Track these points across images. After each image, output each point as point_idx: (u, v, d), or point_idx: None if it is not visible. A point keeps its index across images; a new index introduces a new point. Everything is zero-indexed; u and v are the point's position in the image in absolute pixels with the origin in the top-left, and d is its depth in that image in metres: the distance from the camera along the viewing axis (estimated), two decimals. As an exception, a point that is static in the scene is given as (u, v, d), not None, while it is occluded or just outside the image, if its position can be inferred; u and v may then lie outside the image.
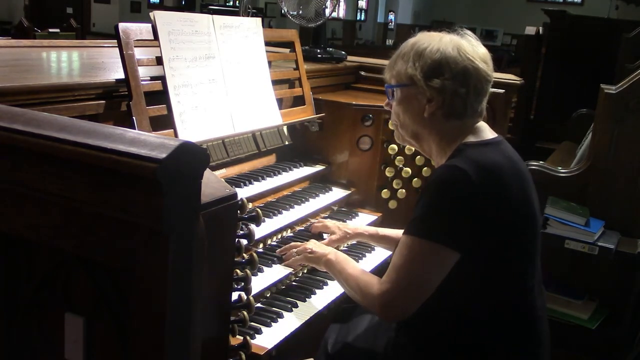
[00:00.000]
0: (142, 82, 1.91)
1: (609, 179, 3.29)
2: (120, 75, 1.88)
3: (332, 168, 2.74)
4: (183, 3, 16.45)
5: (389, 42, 19.01)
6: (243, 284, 1.57)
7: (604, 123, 3.30)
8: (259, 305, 1.90)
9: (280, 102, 2.54)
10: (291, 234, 2.32)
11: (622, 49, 5.50)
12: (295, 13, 2.99)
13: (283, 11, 3.04)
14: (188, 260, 1.14)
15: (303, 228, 2.39)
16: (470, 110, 1.74)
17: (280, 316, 1.86)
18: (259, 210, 1.56)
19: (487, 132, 1.78)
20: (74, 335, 1.28)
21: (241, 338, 1.57)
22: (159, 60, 2.00)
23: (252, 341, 1.65)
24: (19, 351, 1.39)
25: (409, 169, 2.70)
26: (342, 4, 17.98)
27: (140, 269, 1.13)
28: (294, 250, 2.06)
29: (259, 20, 2.51)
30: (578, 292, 3.31)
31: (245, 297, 1.56)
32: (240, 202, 1.40)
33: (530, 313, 1.73)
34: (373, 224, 2.59)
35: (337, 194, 2.67)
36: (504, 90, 2.72)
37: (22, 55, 2.45)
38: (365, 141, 2.70)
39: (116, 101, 1.89)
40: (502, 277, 1.68)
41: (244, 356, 1.53)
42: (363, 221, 2.61)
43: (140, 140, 1.10)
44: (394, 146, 2.65)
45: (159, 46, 1.99)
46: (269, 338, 1.75)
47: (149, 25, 1.99)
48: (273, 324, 1.82)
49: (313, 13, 2.98)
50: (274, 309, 1.90)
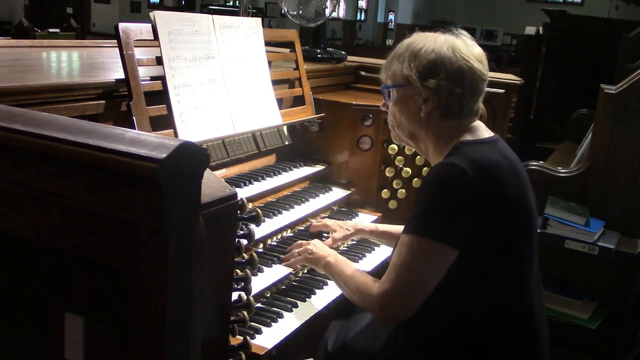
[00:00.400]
0: (142, 82, 1.91)
1: (609, 179, 3.29)
2: (120, 75, 1.88)
3: (332, 168, 2.74)
4: (183, 3, 16.46)
5: (389, 42, 19.04)
6: (243, 284, 1.57)
7: (604, 123, 3.30)
8: (259, 305, 1.90)
9: (280, 102, 2.54)
10: (291, 234, 2.32)
11: (622, 49, 5.51)
12: (295, 13, 2.99)
13: (283, 11, 3.04)
14: (188, 260, 1.14)
15: (303, 228, 2.38)
16: (466, 109, 1.75)
17: (280, 316, 1.86)
18: (259, 210, 1.56)
19: (484, 131, 1.78)
20: (74, 335, 1.28)
21: (241, 338, 1.57)
22: (159, 60, 2.00)
23: (252, 341, 1.65)
24: (19, 351, 1.39)
25: (409, 169, 2.70)
26: (342, 4, 17.99)
27: (140, 269, 1.13)
28: (296, 250, 2.07)
29: (259, 20, 2.51)
30: (578, 292, 3.31)
31: (245, 297, 1.56)
32: (240, 202, 1.40)
33: (529, 311, 1.73)
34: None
35: (337, 194, 2.67)
36: (504, 90, 2.72)
37: (22, 55, 2.45)
38: (365, 141, 2.70)
39: (116, 101, 1.89)
40: (501, 276, 1.69)
41: (244, 356, 1.53)
42: (363, 221, 2.60)
43: (140, 140, 1.10)
44: (394, 146, 2.65)
45: (159, 46, 1.99)
46: (269, 338, 1.75)
47: (149, 25, 1.99)
48: (273, 324, 1.82)
49: (313, 13, 2.98)
50: (274, 309, 1.90)
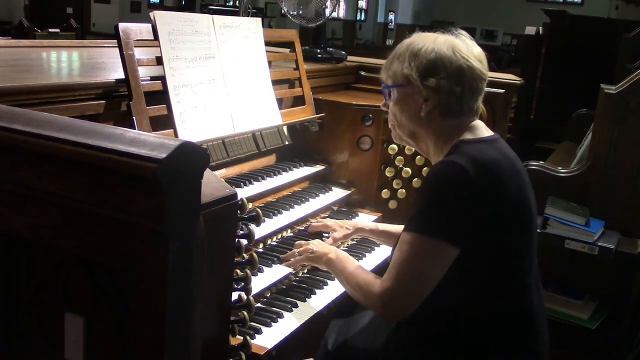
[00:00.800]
0: (142, 82, 1.91)
1: (609, 179, 3.29)
2: (120, 75, 1.88)
3: (332, 168, 2.74)
4: (183, 3, 16.46)
5: (389, 42, 19.03)
6: (243, 284, 1.57)
7: (604, 123, 3.30)
8: (259, 305, 1.90)
9: (280, 102, 2.54)
10: (291, 234, 2.32)
11: (622, 49, 5.51)
12: (295, 13, 2.99)
13: (283, 11, 3.04)
14: (188, 260, 1.14)
15: (303, 228, 2.38)
16: (466, 108, 1.76)
17: (281, 316, 1.86)
18: (259, 210, 1.56)
19: (483, 130, 1.79)
20: (74, 335, 1.28)
21: (241, 338, 1.57)
22: (159, 60, 2.00)
23: (252, 341, 1.65)
24: (19, 351, 1.39)
25: (409, 169, 2.70)
26: (342, 4, 17.99)
27: (140, 269, 1.13)
28: (296, 250, 2.07)
29: (259, 20, 2.51)
30: (578, 292, 3.31)
31: (245, 297, 1.56)
32: (240, 202, 1.40)
33: (529, 311, 1.73)
34: (373, 224, 2.58)
35: (337, 194, 2.67)
36: (504, 90, 2.72)
37: (22, 55, 2.45)
38: (365, 141, 2.70)
39: (116, 101, 1.89)
40: (500, 275, 1.69)
41: (244, 356, 1.53)
42: (363, 220, 2.60)
43: (140, 140, 1.10)
44: (394, 146, 2.65)
45: (159, 46, 1.99)
46: (269, 338, 1.75)
47: (149, 25, 1.99)
48: (273, 324, 1.82)
49: (313, 13, 2.98)
50: (274, 309, 1.90)
